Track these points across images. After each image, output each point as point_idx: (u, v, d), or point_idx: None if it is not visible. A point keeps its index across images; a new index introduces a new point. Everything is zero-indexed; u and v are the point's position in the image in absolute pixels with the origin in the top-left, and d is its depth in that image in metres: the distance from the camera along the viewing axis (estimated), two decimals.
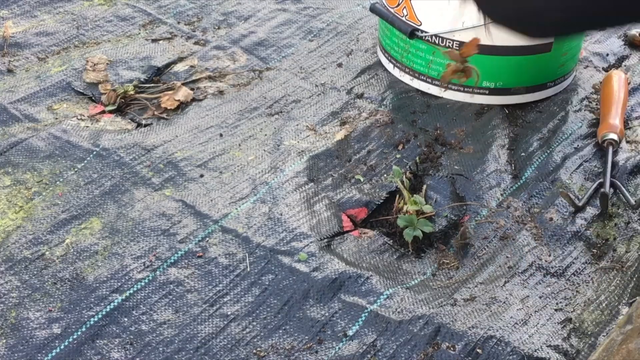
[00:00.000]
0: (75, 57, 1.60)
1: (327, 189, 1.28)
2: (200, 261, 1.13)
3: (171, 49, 1.64)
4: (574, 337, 1.04)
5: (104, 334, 1.02)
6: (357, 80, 1.56)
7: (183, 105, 1.48)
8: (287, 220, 1.20)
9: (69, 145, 1.34)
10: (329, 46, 1.67)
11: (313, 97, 1.51)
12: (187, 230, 1.18)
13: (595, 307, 1.08)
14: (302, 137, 1.39)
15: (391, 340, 1.02)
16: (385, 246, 1.18)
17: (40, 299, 1.07)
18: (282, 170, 1.30)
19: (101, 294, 1.07)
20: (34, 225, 1.18)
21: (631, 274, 1.13)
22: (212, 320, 1.05)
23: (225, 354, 1.01)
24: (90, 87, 1.51)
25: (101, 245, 1.15)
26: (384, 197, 1.26)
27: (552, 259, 1.15)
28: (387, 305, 1.07)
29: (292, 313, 1.06)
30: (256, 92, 1.52)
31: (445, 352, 1.00)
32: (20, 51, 1.62)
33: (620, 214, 1.24)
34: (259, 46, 1.66)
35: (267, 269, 1.12)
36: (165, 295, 1.08)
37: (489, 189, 1.28)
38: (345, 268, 1.12)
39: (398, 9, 1.48)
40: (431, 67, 1.49)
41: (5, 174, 1.28)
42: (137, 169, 1.30)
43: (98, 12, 1.76)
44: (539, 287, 1.11)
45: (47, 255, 1.13)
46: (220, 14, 1.78)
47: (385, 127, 1.42)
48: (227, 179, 1.29)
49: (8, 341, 1.01)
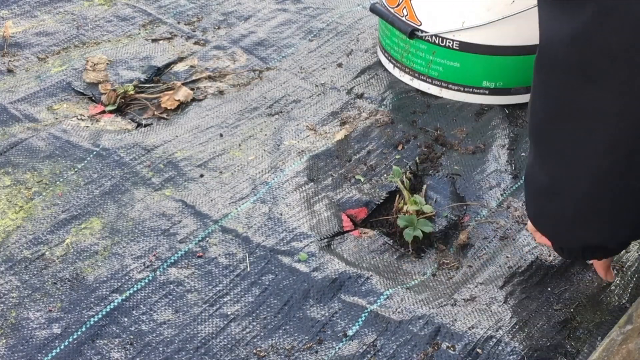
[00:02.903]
0: (75, 57, 1.60)
1: (327, 188, 1.28)
2: (200, 261, 1.13)
3: (171, 49, 1.64)
4: (574, 337, 1.04)
5: (104, 334, 1.02)
6: (357, 80, 1.56)
7: (183, 105, 1.48)
8: (287, 220, 1.20)
9: (69, 145, 1.34)
10: (329, 46, 1.67)
11: (313, 97, 1.51)
12: (187, 230, 1.18)
13: (596, 307, 1.08)
14: (302, 137, 1.39)
15: (391, 340, 1.02)
16: (385, 246, 1.18)
17: (40, 299, 1.07)
18: (282, 170, 1.30)
19: (101, 294, 1.07)
20: (34, 225, 1.18)
21: (631, 274, 1.13)
22: (212, 320, 1.05)
23: (225, 354, 1.01)
24: (90, 87, 1.51)
25: (101, 245, 1.15)
26: (384, 197, 1.26)
27: (552, 259, 1.15)
28: (387, 305, 1.07)
29: (292, 313, 1.06)
30: (256, 92, 1.52)
31: (445, 352, 1.00)
32: (20, 51, 1.61)
33: None
34: (259, 46, 1.66)
35: (267, 269, 1.12)
36: (165, 295, 1.08)
37: (489, 189, 1.28)
38: (346, 268, 1.12)
39: (398, 9, 1.48)
40: (431, 67, 1.49)
41: (5, 174, 1.28)
42: (137, 169, 1.30)
43: (98, 12, 1.76)
44: (539, 287, 1.11)
45: (47, 255, 1.13)
46: (220, 14, 1.78)
47: (385, 127, 1.42)
48: (227, 179, 1.29)
49: (8, 341, 1.01)
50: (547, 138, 0.71)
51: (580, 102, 0.65)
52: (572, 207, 0.73)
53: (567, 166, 0.70)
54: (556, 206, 0.75)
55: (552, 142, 0.71)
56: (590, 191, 0.70)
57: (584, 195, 0.71)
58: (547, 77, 0.68)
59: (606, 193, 0.69)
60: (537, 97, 0.72)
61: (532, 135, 0.75)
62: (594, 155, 0.67)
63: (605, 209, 0.71)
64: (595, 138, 0.65)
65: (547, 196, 0.75)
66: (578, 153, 0.68)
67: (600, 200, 0.70)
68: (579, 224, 0.75)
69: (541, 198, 0.77)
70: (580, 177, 0.69)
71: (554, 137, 0.70)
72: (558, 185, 0.73)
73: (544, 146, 0.73)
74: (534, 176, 0.76)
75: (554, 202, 0.75)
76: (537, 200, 0.79)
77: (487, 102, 1.48)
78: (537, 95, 0.72)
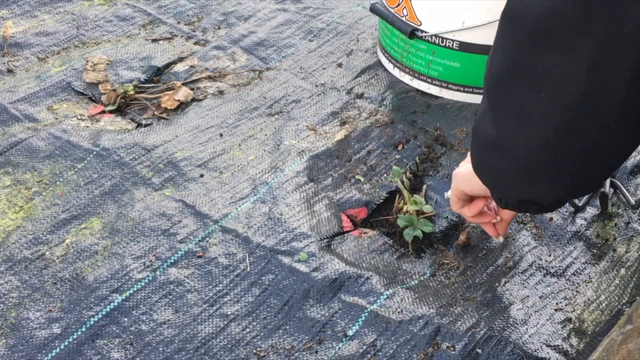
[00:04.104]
0: (75, 57, 1.60)
1: (327, 189, 1.28)
2: (200, 261, 1.13)
3: (171, 49, 1.64)
4: (574, 337, 1.04)
5: (104, 334, 1.02)
6: (357, 80, 1.56)
7: (183, 105, 1.48)
8: (287, 220, 1.20)
9: (69, 145, 1.34)
10: (329, 46, 1.67)
11: (313, 97, 1.51)
12: (187, 230, 1.18)
13: (595, 307, 1.08)
14: (302, 137, 1.39)
15: (391, 340, 1.02)
16: (385, 246, 1.18)
17: (40, 299, 1.07)
18: (282, 170, 1.30)
19: (101, 294, 1.07)
20: (34, 225, 1.18)
21: (631, 274, 1.13)
22: (212, 320, 1.05)
23: (225, 354, 1.01)
24: (90, 87, 1.51)
25: (101, 245, 1.15)
26: (384, 197, 1.26)
27: (552, 259, 1.15)
28: (387, 305, 1.07)
29: (292, 313, 1.06)
30: (256, 92, 1.52)
31: (445, 352, 1.00)
32: (20, 51, 1.62)
33: (620, 214, 1.24)
34: (259, 46, 1.66)
35: (267, 269, 1.12)
36: (165, 295, 1.08)
37: None
38: (345, 268, 1.12)
39: (398, 9, 1.48)
40: (431, 67, 1.49)
41: (5, 174, 1.28)
42: (137, 169, 1.30)
43: (98, 12, 1.76)
44: (539, 287, 1.11)
45: (47, 255, 1.13)
46: (220, 14, 1.78)
47: (385, 127, 1.42)
48: (227, 179, 1.29)
49: (8, 341, 1.01)
50: (501, 93, 0.74)
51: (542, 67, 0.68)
52: (515, 163, 0.76)
53: (518, 123, 0.73)
54: (500, 159, 0.78)
55: (505, 97, 0.73)
56: (536, 150, 0.73)
57: (529, 153, 0.74)
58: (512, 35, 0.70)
59: (550, 154, 0.73)
60: (498, 51, 0.74)
61: (487, 87, 0.77)
62: (546, 117, 0.70)
63: (547, 168, 0.75)
64: (550, 102, 0.69)
65: (492, 149, 0.78)
66: (530, 112, 0.71)
67: (543, 160, 0.74)
68: (519, 179, 0.79)
69: (487, 150, 0.79)
70: (528, 135, 0.73)
71: (508, 94, 0.72)
72: (505, 140, 0.75)
73: (496, 100, 0.75)
74: (482, 127, 0.78)
75: (499, 155, 0.77)
76: (481, 151, 0.82)
77: None
78: (498, 50, 0.74)
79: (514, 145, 0.74)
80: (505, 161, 0.77)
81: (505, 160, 0.77)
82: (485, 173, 0.85)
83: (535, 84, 0.69)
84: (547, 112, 0.69)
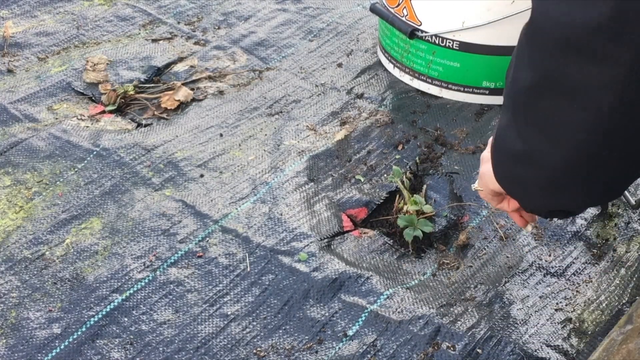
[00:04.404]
0: (75, 57, 1.60)
1: (327, 189, 1.28)
2: (200, 261, 1.13)
3: (171, 49, 1.64)
4: (574, 337, 1.04)
5: (104, 334, 1.02)
6: (357, 80, 1.56)
7: (183, 105, 1.48)
8: (287, 220, 1.20)
9: (69, 145, 1.34)
10: (329, 46, 1.67)
11: (313, 97, 1.51)
12: (187, 230, 1.18)
13: (596, 307, 1.08)
14: (302, 137, 1.39)
15: (391, 340, 1.02)
16: (385, 246, 1.18)
17: (40, 299, 1.07)
18: (282, 170, 1.30)
19: (101, 294, 1.07)
20: (34, 225, 1.18)
21: (631, 274, 1.13)
22: (212, 320, 1.05)
23: (225, 354, 1.01)
24: (90, 87, 1.51)
25: (101, 245, 1.15)
26: (384, 197, 1.26)
27: (552, 259, 1.15)
28: (387, 305, 1.07)
29: (292, 313, 1.06)
30: (256, 92, 1.52)
31: (445, 352, 1.00)
32: (20, 51, 1.62)
33: (620, 214, 1.24)
34: (259, 46, 1.66)
35: (267, 269, 1.12)
36: (165, 295, 1.08)
37: None
38: (346, 268, 1.12)
39: (398, 9, 1.48)
40: (431, 67, 1.49)
41: (6, 174, 1.28)
42: (137, 169, 1.30)
43: (98, 12, 1.76)
44: (539, 287, 1.11)
45: (47, 255, 1.13)
46: (220, 14, 1.78)
47: (385, 127, 1.42)
48: (227, 179, 1.29)
49: (8, 341, 1.01)
50: (529, 106, 0.73)
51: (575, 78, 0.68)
52: (546, 175, 0.76)
53: (548, 136, 0.73)
54: (529, 172, 0.77)
55: (533, 110, 0.73)
56: (568, 162, 0.73)
57: (560, 165, 0.74)
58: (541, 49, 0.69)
59: (582, 165, 0.73)
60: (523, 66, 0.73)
61: (511, 101, 0.77)
62: (581, 128, 0.70)
63: (579, 179, 0.75)
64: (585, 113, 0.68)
65: (520, 162, 0.78)
66: (564, 125, 0.71)
67: (575, 171, 0.74)
68: (550, 192, 0.79)
69: (514, 163, 0.79)
70: (560, 148, 0.72)
71: (537, 107, 0.72)
72: (534, 153, 0.75)
73: (523, 114, 0.75)
74: (508, 141, 0.78)
75: (528, 168, 0.77)
76: (508, 164, 0.81)
77: (487, 102, 1.48)
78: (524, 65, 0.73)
79: (545, 159, 0.74)
80: (534, 175, 0.77)
81: (534, 174, 0.77)
82: (513, 187, 0.84)
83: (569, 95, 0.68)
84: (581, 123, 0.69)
